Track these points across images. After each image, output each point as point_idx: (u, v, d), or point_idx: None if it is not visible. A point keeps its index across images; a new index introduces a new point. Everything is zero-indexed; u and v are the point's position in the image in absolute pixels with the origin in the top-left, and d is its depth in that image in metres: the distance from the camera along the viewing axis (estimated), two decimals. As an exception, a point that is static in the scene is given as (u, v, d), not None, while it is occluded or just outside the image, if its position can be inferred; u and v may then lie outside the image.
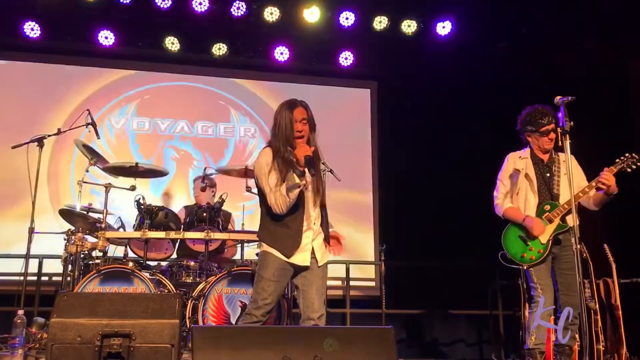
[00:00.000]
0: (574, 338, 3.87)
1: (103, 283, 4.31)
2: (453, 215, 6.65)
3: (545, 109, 4.04)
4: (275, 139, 3.41)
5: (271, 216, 3.41)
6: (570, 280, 3.86)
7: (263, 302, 3.31)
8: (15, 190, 6.31)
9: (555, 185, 4.04)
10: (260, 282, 3.36)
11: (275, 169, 3.33)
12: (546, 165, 4.10)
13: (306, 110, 3.43)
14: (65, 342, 2.55)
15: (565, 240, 3.94)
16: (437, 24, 7.02)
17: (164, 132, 7.02)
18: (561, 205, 3.95)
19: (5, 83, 6.74)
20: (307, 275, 3.41)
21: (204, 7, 6.59)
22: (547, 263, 3.97)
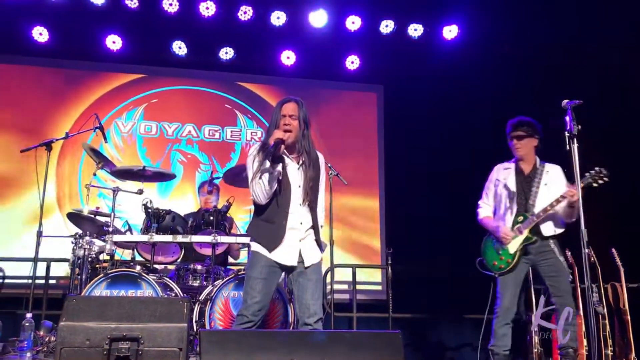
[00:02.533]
0: (575, 340, 3.94)
1: (110, 286, 4.32)
2: (460, 219, 6.63)
3: (521, 119, 4.27)
4: (266, 133, 3.47)
5: (257, 211, 3.42)
6: (556, 283, 4.01)
7: (252, 301, 3.27)
8: (24, 194, 6.38)
9: (532, 197, 4.15)
10: (249, 281, 3.33)
11: (258, 160, 3.33)
12: (527, 176, 4.23)
13: (298, 106, 3.42)
14: (74, 345, 2.56)
15: (541, 247, 4.08)
16: (443, 28, 7.02)
17: (171, 136, 7.05)
18: (532, 217, 4.07)
19: (14, 87, 6.78)
20: (299, 279, 3.36)
21: (211, 11, 6.62)
22: (516, 272, 4.12)
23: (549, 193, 4.10)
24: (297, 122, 3.38)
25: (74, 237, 4.74)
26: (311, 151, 3.44)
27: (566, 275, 4.07)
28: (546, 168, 4.24)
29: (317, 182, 3.45)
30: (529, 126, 4.25)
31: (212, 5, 6.59)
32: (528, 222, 4.08)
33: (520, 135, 4.25)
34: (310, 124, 3.48)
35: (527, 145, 4.26)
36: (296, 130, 3.38)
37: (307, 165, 3.39)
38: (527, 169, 4.26)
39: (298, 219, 3.37)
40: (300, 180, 3.38)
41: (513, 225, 4.14)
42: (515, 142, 4.27)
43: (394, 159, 7.33)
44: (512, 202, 4.20)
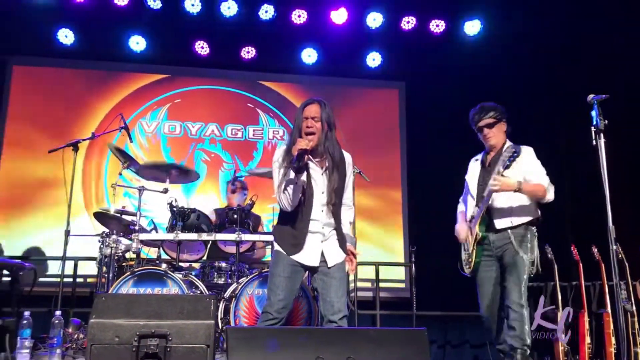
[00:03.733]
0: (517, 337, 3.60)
1: (137, 284, 4.38)
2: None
3: (483, 105, 3.94)
4: (290, 136, 3.44)
5: (281, 215, 3.44)
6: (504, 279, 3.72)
7: (276, 299, 3.28)
8: (51, 194, 6.49)
9: (487, 189, 3.73)
10: (272, 279, 3.35)
11: (282, 165, 3.32)
12: (488, 165, 3.91)
13: (321, 107, 3.36)
14: (104, 342, 2.61)
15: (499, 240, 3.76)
16: (465, 23, 6.97)
17: (194, 135, 7.11)
18: (477, 209, 3.79)
19: (41, 89, 6.90)
20: (323, 277, 3.37)
21: (233, 11, 6.66)
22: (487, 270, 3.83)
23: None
24: (320, 124, 3.33)
25: (101, 236, 4.82)
26: (335, 153, 3.38)
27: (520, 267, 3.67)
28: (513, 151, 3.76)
29: (341, 185, 3.42)
30: (496, 110, 3.89)
31: (234, 4, 6.63)
32: (476, 217, 3.79)
33: (489, 122, 3.87)
34: (335, 125, 3.41)
35: (498, 132, 3.89)
36: (319, 132, 3.33)
37: (331, 170, 3.35)
38: (490, 157, 3.92)
39: (320, 224, 3.37)
40: (323, 185, 3.35)
41: (470, 221, 3.87)
42: (485, 131, 3.88)
43: (417, 155, 7.30)
44: (473, 193, 3.91)
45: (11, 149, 6.67)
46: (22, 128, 6.73)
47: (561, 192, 6.91)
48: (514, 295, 3.62)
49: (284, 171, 3.29)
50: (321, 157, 3.37)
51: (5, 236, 6.47)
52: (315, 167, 3.37)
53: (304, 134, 3.32)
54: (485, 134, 3.89)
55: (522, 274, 3.67)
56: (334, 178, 3.34)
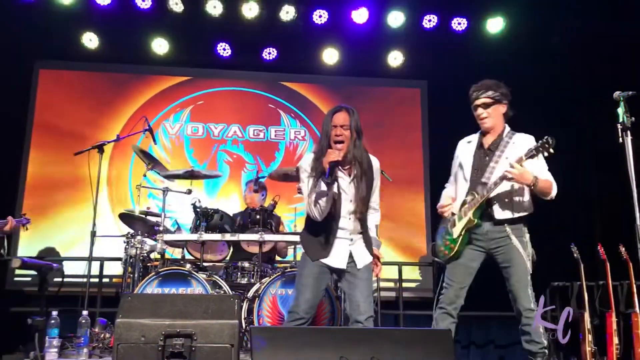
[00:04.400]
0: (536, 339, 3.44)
1: (162, 285, 4.42)
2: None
3: (481, 82, 3.63)
4: (318, 144, 3.43)
5: (309, 220, 3.45)
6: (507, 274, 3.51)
7: (303, 298, 3.33)
8: (77, 195, 6.61)
9: (488, 172, 3.51)
10: (299, 279, 3.41)
11: (312, 175, 3.33)
12: (488, 149, 3.61)
13: (350, 115, 3.34)
14: (130, 341, 2.64)
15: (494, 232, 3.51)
16: (488, 21, 6.91)
17: (217, 137, 7.17)
18: (479, 196, 3.48)
19: (66, 92, 7.02)
20: (350, 278, 3.40)
21: (254, 12, 6.69)
22: (466, 260, 3.57)
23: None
24: (349, 132, 3.33)
25: (126, 237, 4.88)
26: (364, 161, 3.38)
27: (521, 266, 3.49)
28: (513, 139, 3.59)
29: (369, 192, 3.43)
30: (497, 89, 3.58)
31: (255, 6, 6.66)
32: (473, 203, 3.49)
33: (486, 102, 3.57)
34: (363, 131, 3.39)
35: (495, 113, 3.59)
36: (348, 140, 3.33)
37: (360, 178, 3.36)
38: (490, 140, 3.63)
39: (348, 231, 3.40)
40: (351, 194, 3.37)
41: (462, 206, 3.56)
42: (480, 111, 3.58)
43: (439, 154, 7.25)
44: (467, 175, 3.60)
45: (38, 151, 6.80)
46: (48, 131, 6.85)
47: (588, 190, 6.87)
48: (524, 301, 3.47)
49: (313, 182, 3.30)
50: (349, 165, 3.37)
51: (32, 237, 6.58)
52: (343, 176, 3.38)
53: (333, 142, 3.33)
54: (479, 114, 3.60)
55: (527, 275, 3.52)
56: (362, 187, 3.36)
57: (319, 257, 3.36)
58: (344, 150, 3.30)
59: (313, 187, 3.28)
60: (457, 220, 3.59)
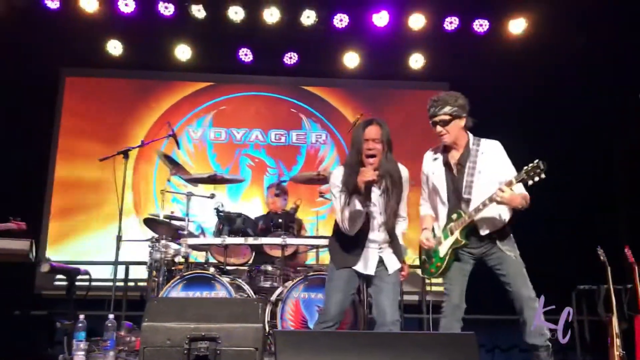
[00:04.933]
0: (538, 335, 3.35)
1: (186, 288, 4.45)
2: (530, 217, 6.46)
3: (439, 97, 3.48)
4: (349, 158, 3.43)
5: (338, 230, 3.47)
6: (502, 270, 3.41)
7: (332, 301, 3.37)
8: (102, 200, 6.71)
9: (467, 189, 3.40)
10: (329, 283, 3.46)
11: (343, 190, 3.35)
12: (458, 164, 3.48)
13: (381, 128, 3.36)
14: (156, 345, 2.68)
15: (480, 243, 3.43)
16: (510, 22, 6.86)
17: (239, 141, 7.23)
18: (464, 217, 3.39)
19: (91, 98, 7.16)
20: (377, 283, 3.42)
21: (275, 18, 6.73)
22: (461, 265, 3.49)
23: (487, 180, 3.38)
24: (380, 146, 3.34)
25: (151, 241, 4.93)
26: (395, 174, 3.39)
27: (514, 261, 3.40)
28: (481, 148, 3.46)
29: (399, 204, 3.45)
30: (454, 103, 3.44)
31: (276, 11, 6.70)
32: (460, 223, 3.40)
33: (444, 119, 3.42)
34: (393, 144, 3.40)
35: (454, 129, 3.44)
36: (380, 154, 3.34)
37: (390, 191, 3.36)
38: (456, 155, 3.49)
39: (377, 242, 3.44)
40: (381, 207, 3.38)
41: (446, 224, 3.47)
42: (438, 129, 3.45)
43: (462, 157, 7.21)
44: (444, 199, 3.49)
45: (64, 156, 6.93)
46: (74, 137, 6.99)
47: (613, 192, 6.76)
48: (524, 290, 3.37)
49: (345, 198, 3.31)
50: (381, 178, 3.37)
51: (59, 241, 6.72)
52: (374, 189, 3.39)
53: (365, 156, 3.34)
54: (439, 132, 3.46)
55: (522, 267, 3.43)
56: (392, 200, 3.37)
57: (348, 265, 3.40)
58: (375, 164, 3.32)
59: (346, 203, 3.30)
60: (442, 238, 3.50)
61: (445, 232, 3.49)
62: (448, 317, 3.52)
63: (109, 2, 6.56)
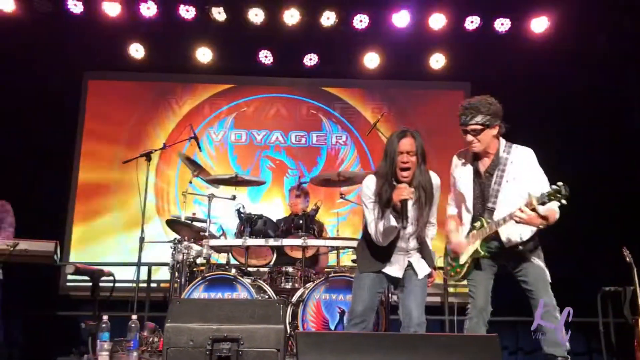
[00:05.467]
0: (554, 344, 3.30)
1: (208, 289, 4.49)
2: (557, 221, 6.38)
3: (471, 104, 3.39)
4: (382, 168, 3.41)
5: (366, 237, 3.49)
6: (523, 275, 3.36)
7: (360, 299, 3.40)
8: (125, 202, 6.79)
9: (492, 197, 3.35)
10: (357, 282, 3.49)
11: (376, 202, 3.36)
12: (487, 172, 3.42)
13: (415, 140, 3.35)
14: (179, 345, 2.70)
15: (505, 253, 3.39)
16: (531, 20, 6.78)
17: (259, 143, 7.26)
18: (486, 227, 3.35)
19: (114, 101, 7.24)
20: (406, 285, 3.46)
21: (295, 19, 6.74)
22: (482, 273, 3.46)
23: (515, 190, 3.31)
24: (415, 158, 3.34)
25: (173, 242, 4.97)
26: (427, 186, 3.38)
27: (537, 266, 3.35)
28: (511, 157, 3.37)
29: (429, 214, 3.46)
30: (487, 112, 3.33)
31: (296, 13, 6.71)
32: (482, 233, 3.36)
33: (476, 129, 3.34)
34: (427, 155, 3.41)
35: (486, 138, 3.36)
36: (414, 166, 3.34)
37: (423, 203, 3.36)
38: (486, 163, 3.43)
39: (406, 249, 3.46)
40: (413, 218, 3.38)
41: (470, 231, 3.44)
42: (470, 138, 3.37)
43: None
44: (469, 205, 3.46)
45: (87, 159, 7.02)
46: (97, 139, 7.07)
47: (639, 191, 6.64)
48: (546, 299, 3.31)
49: (379, 210, 3.33)
50: (414, 190, 3.36)
51: (83, 243, 6.80)
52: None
53: (399, 169, 3.33)
54: (469, 141, 3.39)
55: (545, 273, 3.37)
56: (425, 212, 3.38)
57: (376, 269, 3.43)
58: (409, 178, 3.33)
59: (380, 217, 3.31)
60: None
61: (466, 240, 3.48)
62: (473, 320, 3.48)
63: (131, 5, 6.63)
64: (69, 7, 6.53)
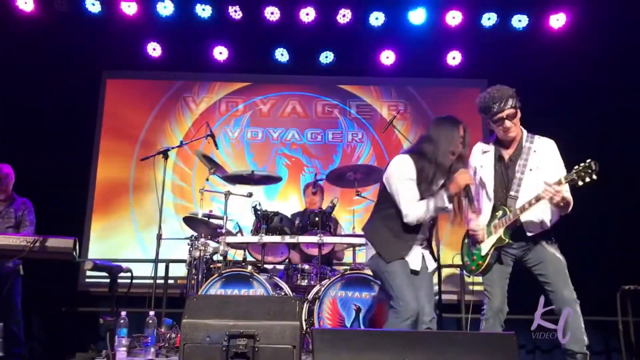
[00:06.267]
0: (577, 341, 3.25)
1: (225, 286, 4.51)
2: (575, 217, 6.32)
3: (499, 91, 3.40)
4: (435, 153, 3.37)
5: (389, 222, 3.45)
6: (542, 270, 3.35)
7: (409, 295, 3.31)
8: (142, 199, 6.85)
9: (515, 186, 3.36)
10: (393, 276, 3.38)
11: (414, 180, 3.36)
12: (510, 160, 3.44)
13: (465, 131, 3.44)
14: (195, 341, 2.71)
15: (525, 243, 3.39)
16: (549, 17, 6.72)
17: (275, 141, 7.28)
18: (508, 215, 3.34)
19: (132, 99, 7.30)
20: (415, 279, 3.43)
21: (311, 17, 6.76)
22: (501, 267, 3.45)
23: (537, 180, 3.31)
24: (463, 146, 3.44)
25: (190, 239, 5.01)
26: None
27: (556, 260, 3.34)
28: (534, 146, 3.41)
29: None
30: (515, 96, 3.39)
31: (312, 11, 6.73)
32: (505, 221, 3.35)
33: (510, 113, 3.36)
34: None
35: (518, 122, 3.42)
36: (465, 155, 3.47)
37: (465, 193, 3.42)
38: (510, 151, 3.45)
39: (422, 238, 3.50)
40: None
41: (491, 221, 3.43)
42: (507, 124, 3.37)
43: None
44: (490, 193, 3.45)
45: (106, 156, 7.09)
46: (114, 137, 7.14)
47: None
48: (565, 292, 3.29)
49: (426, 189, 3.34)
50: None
51: (101, 239, 6.87)
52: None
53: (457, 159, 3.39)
54: (508, 127, 3.38)
55: (564, 267, 3.34)
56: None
57: (401, 255, 3.40)
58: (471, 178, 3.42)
59: (430, 195, 3.32)
60: (485, 235, 3.46)
61: (488, 230, 3.45)
62: (490, 321, 3.46)
63: (148, 5, 6.69)
64: (88, 6, 6.60)
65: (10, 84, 6.61)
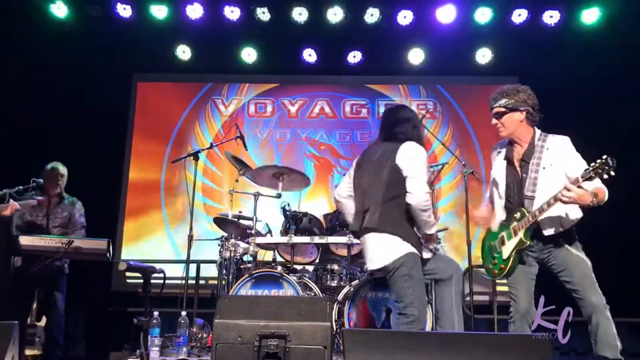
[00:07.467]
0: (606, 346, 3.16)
1: (255, 286, 4.54)
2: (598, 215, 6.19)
3: (501, 89, 3.43)
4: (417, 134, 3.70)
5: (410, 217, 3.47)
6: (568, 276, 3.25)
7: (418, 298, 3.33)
8: (173, 200, 6.94)
9: (530, 186, 3.30)
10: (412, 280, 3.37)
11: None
12: (522, 160, 3.39)
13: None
14: (227, 341, 2.74)
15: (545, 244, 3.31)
16: (582, 12, 6.59)
17: (304, 141, 7.29)
18: (527, 217, 3.26)
19: (162, 102, 7.40)
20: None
21: (339, 17, 6.74)
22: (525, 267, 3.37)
23: (553, 177, 3.26)
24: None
25: (221, 240, 5.05)
26: None
27: (582, 263, 3.25)
28: (547, 144, 3.34)
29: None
30: (512, 96, 3.37)
31: (339, 10, 6.71)
32: (524, 223, 3.28)
33: (499, 112, 3.40)
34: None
35: (509, 122, 3.38)
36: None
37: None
38: (520, 151, 3.41)
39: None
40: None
41: (509, 223, 3.37)
42: (494, 121, 3.43)
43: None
44: (501, 194, 3.44)
45: (137, 159, 7.20)
46: (146, 140, 7.25)
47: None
48: (595, 297, 3.20)
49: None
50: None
51: (133, 240, 6.98)
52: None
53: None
54: (494, 124, 3.44)
55: (591, 271, 3.25)
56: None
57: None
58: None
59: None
60: (506, 238, 3.39)
61: (508, 233, 3.38)
62: (517, 324, 3.39)
63: (178, 8, 6.76)
64: (118, 11, 6.70)
65: (45, 89, 6.76)
